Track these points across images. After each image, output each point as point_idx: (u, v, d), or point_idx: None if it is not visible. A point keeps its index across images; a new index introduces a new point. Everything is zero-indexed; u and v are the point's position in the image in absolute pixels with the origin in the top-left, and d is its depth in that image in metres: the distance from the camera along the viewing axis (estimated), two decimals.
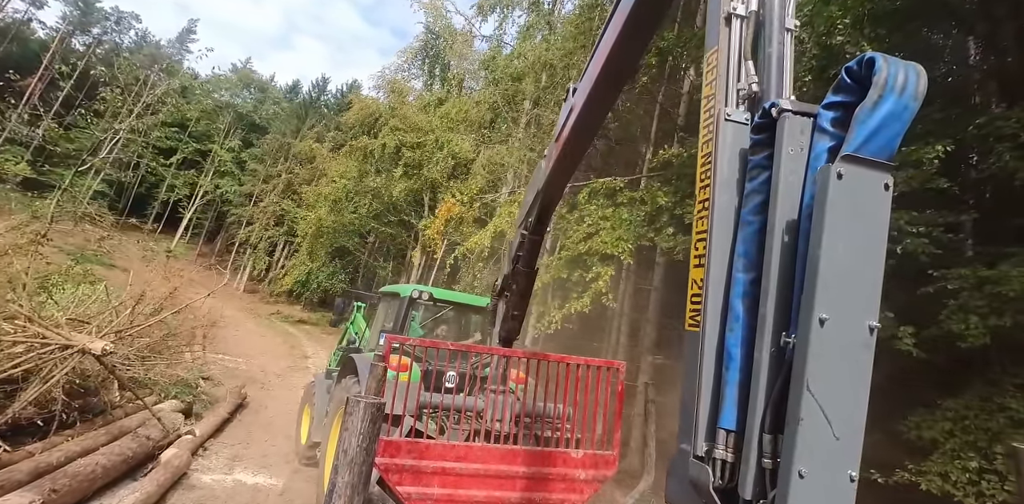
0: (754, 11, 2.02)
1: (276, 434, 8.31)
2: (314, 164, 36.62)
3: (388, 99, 26.78)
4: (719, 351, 1.80)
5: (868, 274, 1.53)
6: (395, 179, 22.22)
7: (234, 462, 6.80)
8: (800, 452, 1.45)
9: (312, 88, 53.20)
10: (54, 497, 4.22)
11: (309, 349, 20.73)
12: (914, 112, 1.50)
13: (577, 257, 9.53)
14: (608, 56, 2.97)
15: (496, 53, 20.51)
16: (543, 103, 15.62)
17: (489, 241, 12.07)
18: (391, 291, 6.90)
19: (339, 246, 29.27)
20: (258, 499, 5.83)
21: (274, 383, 12.65)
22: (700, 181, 2.08)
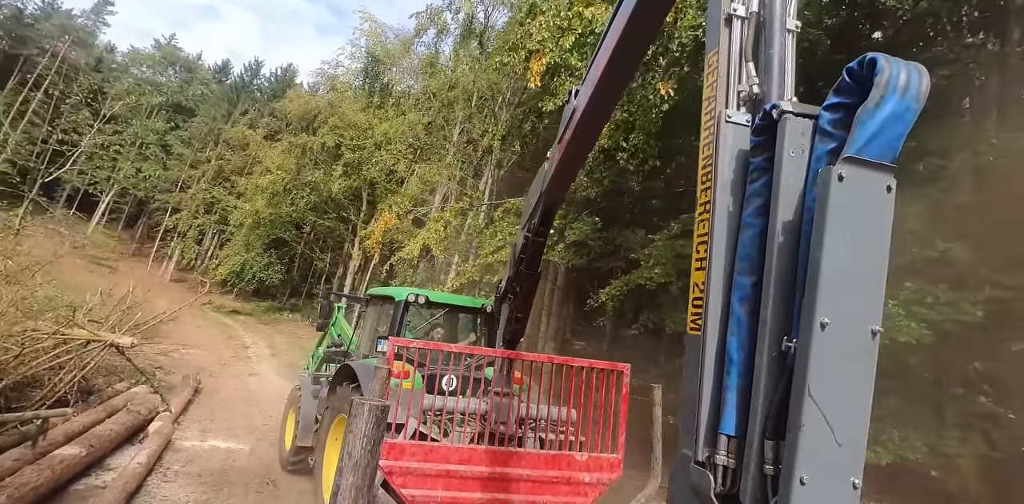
0: (755, 12, 2.00)
1: (234, 413, 9.76)
2: (247, 151, 35.58)
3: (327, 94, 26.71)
4: (720, 355, 1.78)
5: (870, 277, 1.51)
6: (335, 178, 22.44)
7: (205, 433, 8.37)
8: (801, 459, 1.42)
9: (245, 71, 51.04)
10: (92, 450, 6.03)
11: (247, 339, 20.87)
12: (917, 113, 1.48)
13: (488, 265, 11.26)
14: (610, 58, 2.95)
15: (434, 59, 20.85)
16: (471, 128, 16.96)
17: (418, 252, 13.52)
18: (383, 294, 6.77)
19: (276, 237, 29.28)
20: (232, 457, 7.48)
21: (220, 372, 13.57)
22: (701, 183, 2.06)
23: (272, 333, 23.92)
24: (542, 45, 8.44)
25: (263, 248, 29.63)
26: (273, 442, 8.29)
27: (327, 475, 5.36)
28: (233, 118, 42.60)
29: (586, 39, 8.18)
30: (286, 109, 30.45)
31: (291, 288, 33.81)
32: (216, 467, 6.91)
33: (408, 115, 20.04)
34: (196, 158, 40.73)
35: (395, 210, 16.00)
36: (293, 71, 51.32)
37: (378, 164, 20.20)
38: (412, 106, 21.34)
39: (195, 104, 44.98)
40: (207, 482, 6.36)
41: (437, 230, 13.31)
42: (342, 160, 22.93)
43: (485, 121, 17.05)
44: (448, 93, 18.47)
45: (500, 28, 18.24)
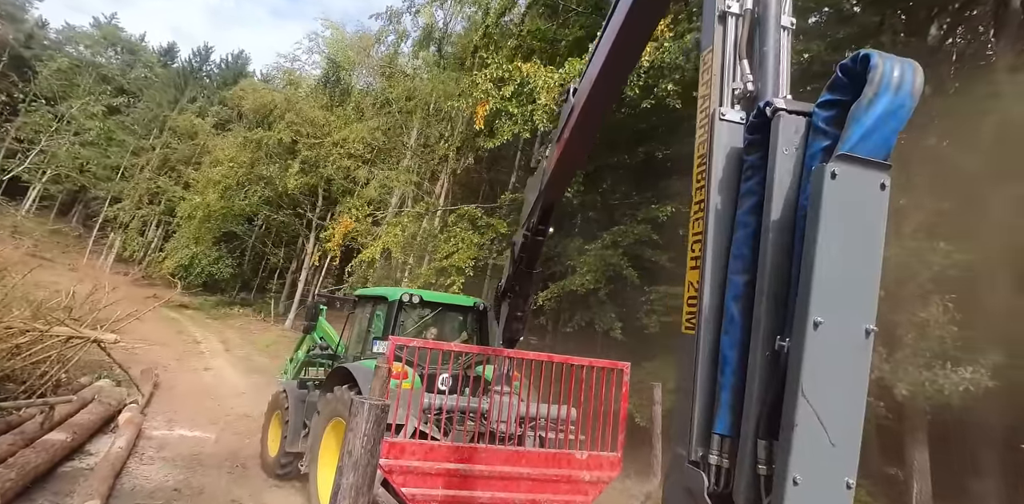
0: (749, 9, 1.98)
1: (195, 406, 10.20)
2: (196, 140, 34.38)
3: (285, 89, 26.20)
4: (714, 354, 1.77)
5: (864, 276, 1.49)
6: (291, 174, 22.16)
7: (171, 423, 8.84)
8: (795, 459, 1.42)
9: (193, 56, 48.29)
10: (75, 436, 6.54)
11: (197, 334, 20.75)
12: (911, 110, 1.46)
13: (442, 268, 12.14)
14: (608, 55, 2.94)
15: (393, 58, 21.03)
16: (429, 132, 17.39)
17: (378, 255, 14.05)
18: (374, 294, 6.70)
19: (227, 231, 28.42)
20: (200, 444, 8.02)
21: (174, 367, 13.84)
22: (696, 182, 2.05)
23: (223, 328, 23.63)
24: (485, 94, 9.85)
25: (213, 242, 28.82)
26: (237, 432, 8.89)
27: (322, 479, 5.33)
28: (180, 105, 40.16)
29: (522, 89, 9.57)
30: (238, 98, 29.28)
31: (241, 282, 32.92)
32: (187, 453, 7.46)
33: (368, 121, 20.01)
34: (139, 145, 38.16)
35: (355, 213, 16.38)
36: (245, 59, 48.91)
37: (335, 163, 20.20)
38: (370, 105, 21.19)
39: (139, 88, 42.08)
40: (181, 465, 6.94)
41: (396, 234, 14.01)
42: (299, 157, 22.60)
43: (442, 126, 17.38)
44: (407, 102, 18.78)
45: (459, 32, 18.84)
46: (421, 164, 18.39)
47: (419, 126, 18.13)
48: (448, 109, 15.92)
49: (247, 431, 8.92)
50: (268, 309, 27.92)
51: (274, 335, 22.34)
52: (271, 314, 27.30)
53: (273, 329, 24.28)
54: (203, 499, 6.05)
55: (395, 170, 18.18)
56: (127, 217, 35.09)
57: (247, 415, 9.97)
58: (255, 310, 28.79)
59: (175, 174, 35.66)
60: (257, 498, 6.35)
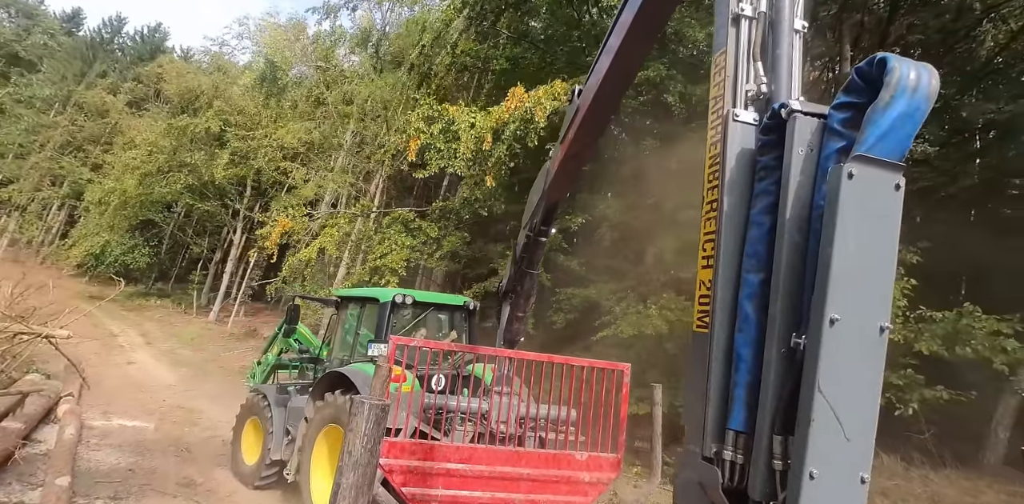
0: (763, 12, 2.01)
1: (127, 398, 10.33)
2: (107, 119, 31.80)
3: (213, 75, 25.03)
4: (728, 352, 1.79)
5: (879, 274, 1.52)
6: (220, 165, 21.37)
7: (108, 414, 8.99)
8: (811, 453, 1.44)
9: (103, 26, 43.96)
10: (27, 425, 6.86)
11: (114, 327, 20.15)
12: (926, 112, 1.50)
13: (376, 268, 12.75)
14: (615, 56, 2.97)
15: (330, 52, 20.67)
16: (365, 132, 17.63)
17: (315, 254, 14.44)
18: (362, 295, 6.55)
19: (144, 219, 26.80)
20: (141, 433, 8.31)
21: (95, 361, 13.71)
22: (708, 182, 2.07)
23: (140, 320, 22.70)
24: (417, 131, 11.11)
25: (129, 229, 26.99)
26: (176, 421, 9.11)
27: (316, 487, 5.24)
28: (88, 80, 36.35)
29: (449, 127, 10.72)
30: (156, 76, 27.48)
31: (159, 272, 31.46)
32: (131, 440, 7.76)
33: (305, 122, 19.68)
34: (39, 122, 34.12)
35: (292, 213, 16.51)
36: (164, 33, 45.36)
37: (267, 156, 19.87)
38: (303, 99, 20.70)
39: (38, 58, 37.76)
40: (129, 451, 7.25)
41: (333, 234, 14.44)
42: (229, 148, 21.58)
43: (377, 125, 17.38)
44: (344, 106, 18.72)
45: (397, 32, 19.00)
46: (356, 164, 18.47)
47: (355, 128, 18.15)
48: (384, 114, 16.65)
49: (185, 421, 9.20)
50: (190, 301, 26.45)
51: (198, 328, 21.69)
52: (193, 306, 25.94)
53: (196, 322, 23.36)
54: (157, 477, 6.38)
55: (331, 171, 18.22)
56: (24, 200, 31.58)
57: (181, 406, 10.17)
58: (174, 302, 27.26)
59: (82, 154, 32.24)
60: (207, 475, 6.78)
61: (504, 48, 14.12)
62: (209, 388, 12.27)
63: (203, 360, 16.40)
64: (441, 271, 15.48)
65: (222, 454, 7.53)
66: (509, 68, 13.54)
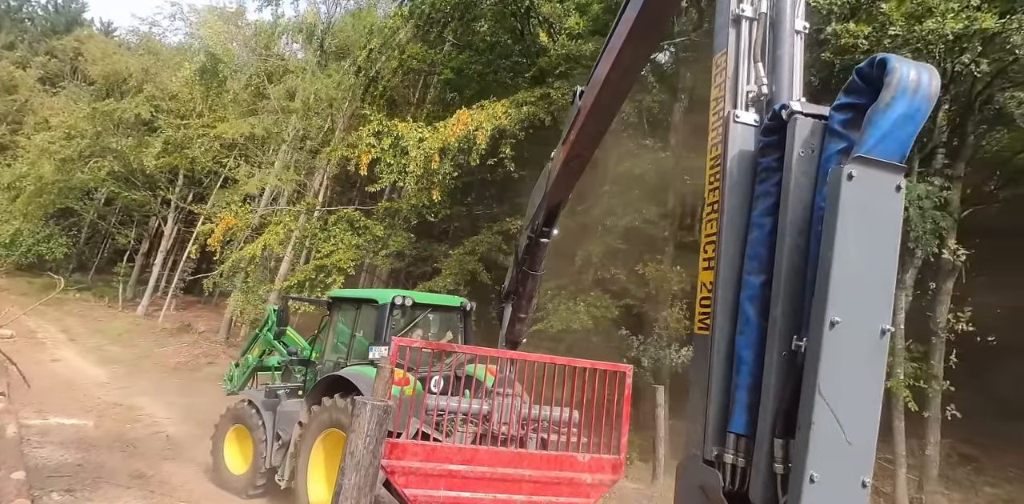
0: (763, 13, 2.01)
1: (60, 397, 9.92)
2: (15, 96, 29.10)
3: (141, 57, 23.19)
4: (729, 354, 1.78)
5: (880, 276, 1.52)
6: (151, 153, 20.06)
7: (43, 413, 8.61)
8: (812, 457, 1.43)
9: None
10: None
11: (31, 322, 18.69)
12: (927, 113, 1.49)
13: (322, 266, 12.79)
14: (616, 57, 2.96)
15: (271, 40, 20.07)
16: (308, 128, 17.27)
17: (260, 251, 14.41)
18: (360, 297, 6.45)
19: (63, 206, 24.57)
20: (81, 430, 8.05)
21: (16, 359, 12.75)
22: (709, 183, 2.07)
23: (60, 315, 21.01)
24: (368, 146, 11.58)
25: (44, 218, 24.65)
26: (116, 419, 8.88)
27: (314, 492, 5.21)
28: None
29: (399, 142, 11.15)
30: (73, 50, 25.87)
31: (77, 264, 29.41)
32: (72, 438, 7.57)
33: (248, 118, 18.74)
34: None
35: (235, 209, 16.10)
36: (81, 4, 41.80)
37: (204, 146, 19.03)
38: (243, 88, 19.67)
39: None
40: (73, 448, 7.09)
41: (278, 232, 14.32)
42: (162, 136, 20.20)
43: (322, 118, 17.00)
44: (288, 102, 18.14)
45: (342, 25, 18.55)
46: (299, 159, 18.01)
47: (300, 125, 17.68)
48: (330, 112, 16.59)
49: (125, 418, 9.03)
50: (114, 294, 24.40)
51: (125, 323, 20.27)
52: (119, 300, 23.96)
53: (123, 316, 21.62)
54: (107, 471, 6.34)
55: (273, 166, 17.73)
56: None
57: (119, 403, 9.88)
58: (96, 295, 25.13)
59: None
60: (156, 468, 6.77)
61: (450, 56, 14.42)
62: (145, 385, 11.78)
63: (135, 357, 15.47)
64: (386, 269, 15.60)
65: (168, 448, 7.57)
66: (454, 78, 14.10)
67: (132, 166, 21.48)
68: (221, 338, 17.61)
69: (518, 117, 10.49)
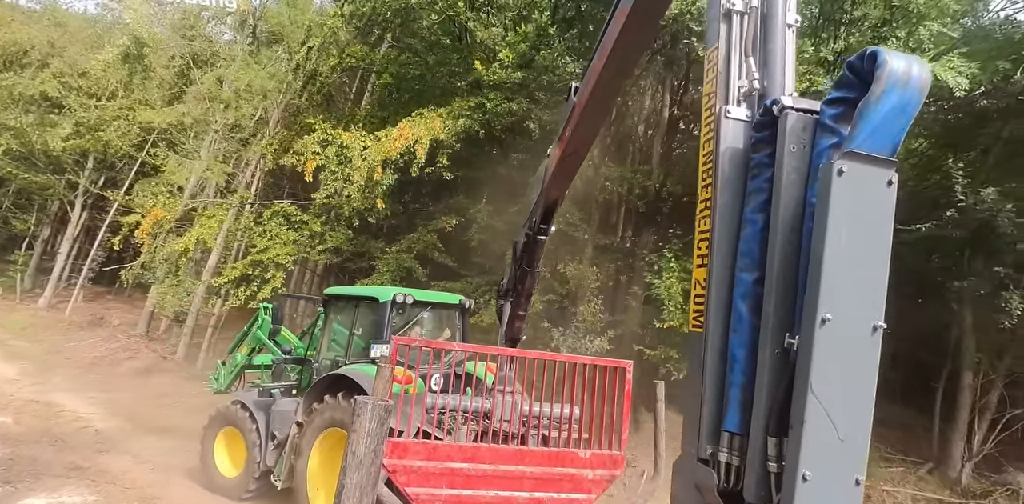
0: (754, 7, 1.98)
1: None
2: None
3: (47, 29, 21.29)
4: (723, 352, 1.77)
5: (872, 272, 1.50)
6: (59, 136, 18.47)
7: None
8: (805, 455, 1.42)
9: None
10: None
11: None
12: (918, 106, 1.47)
13: (258, 262, 12.77)
14: (610, 53, 2.94)
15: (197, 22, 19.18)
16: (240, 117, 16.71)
17: (192, 244, 14.14)
18: (359, 294, 6.40)
19: None
20: (2, 427, 7.82)
21: None
22: (702, 180, 2.05)
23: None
24: (313, 155, 11.95)
25: None
26: (35, 415, 8.64)
27: (313, 491, 5.19)
28: None
29: (343, 150, 11.55)
30: None
31: None
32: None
33: (176, 105, 17.83)
34: None
35: (162, 201, 15.60)
36: None
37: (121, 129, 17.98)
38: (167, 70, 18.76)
39: None
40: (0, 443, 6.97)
41: (211, 226, 14.08)
42: (73, 117, 18.69)
43: (253, 106, 16.43)
44: (219, 91, 17.23)
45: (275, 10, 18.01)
46: (229, 149, 17.23)
47: (233, 115, 16.85)
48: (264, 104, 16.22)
49: (45, 414, 8.81)
50: (10, 284, 22.40)
51: (26, 316, 18.81)
52: (16, 291, 22.02)
53: (21, 309, 19.97)
54: (41, 464, 6.27)
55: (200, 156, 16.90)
56: None
57: (35, 400, 9.54)
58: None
59: None
60: (92, 461, 6.65)
61: (389, 58, 14.39)
62: (60, 381, 11.42)
63: (44, 352, 14.61)
64: (322, 263, 15.48)
65: (100, 442, 7.43)
66: (393, 83, 14.22)
67: (34, 146, 19.45)
68: (140, 332, 16.68)
69: (455, 129, 11.20)
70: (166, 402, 11.26)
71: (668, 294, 9.99)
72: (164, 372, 13.95)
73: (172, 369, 14.24)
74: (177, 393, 12.11)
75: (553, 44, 10.74)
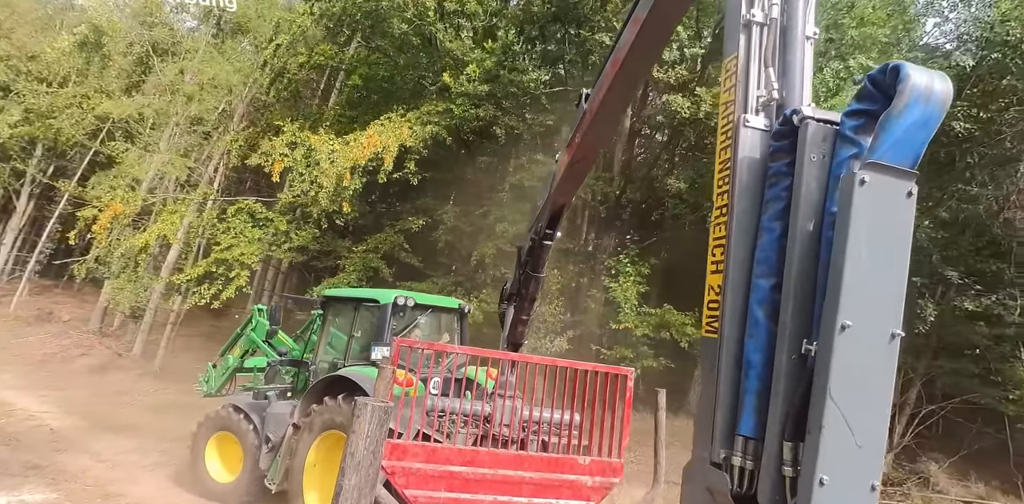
0: (774, 18, 2.02)
1: None
2: None
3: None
4: (737, 358, 1.79)
5: (891, 281, 1.52)
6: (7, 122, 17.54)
7: None
8: (822, 460, 1.44)
9: None
10: None
11: None
12: (939, 120, 1.50)
13: (222, 260, 12.65)
14: (623, 60, 2.98)
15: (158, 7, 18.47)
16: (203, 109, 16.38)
17: (153, 240, 13.89)
18: (359, 296, 6.35)
19: None
20: None
21: None
22: (718, 187, 2.08)
23: None
24: (281, 156, 12.07)
25: None
26: None
27: (310, 494, 5.15)
28: None
29: (310, 153, 11.61)
30: None
31: None
32: None
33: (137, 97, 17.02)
34: None
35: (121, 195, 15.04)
36: None
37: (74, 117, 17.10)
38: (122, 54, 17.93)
39: None
40: None
41: (173, 222, 13.82)
42: (23, 103, 17.83)
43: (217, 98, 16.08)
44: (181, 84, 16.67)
45: None
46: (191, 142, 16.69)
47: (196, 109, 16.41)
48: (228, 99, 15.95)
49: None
50: None
51: None
52: None
53: None
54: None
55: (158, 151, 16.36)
56: None
57: None
58: None
59: None
60: (49, 459, 6.61)
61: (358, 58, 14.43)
62: (9, 379, 11.08)
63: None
64: (287, 261, 15.30)
65: (56, 441, 7.34)
66: (362, 84, 14.30)
67: None
68: (93, 328, 16.05)
69: (423, 135, 11.46)
70: (123, 400, 10.94)
71: (624, 297, 10.69)
72: (120, 369, 13.57)
73: (128, 366, 13.82)
74: (134, 391, 11.82)
75: (519, 61, 11.11)
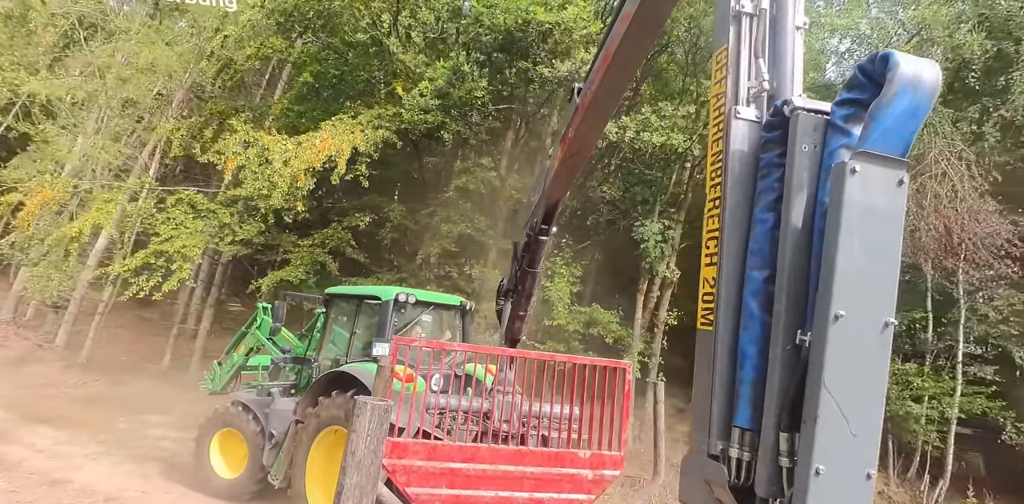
0: (764, 9, 2.01)
1: None
2: None
3: None
4: (732, 350, 1.79)
5: (884, 270, 1.53)
6: None
7: None
8: (818, 450, 1.44)
9: None
10: None
11: None
12: (929, 108, 1.50)
13: (161, 251, 12.45)
14: (614, 54, 2.97)
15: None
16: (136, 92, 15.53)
17: (87, 230, 13.34)
18: (360, 293, 6.38)
19: None
20: None
21: None
22: (710, 179, 2.07)
23: None
24: (234, 154, 12.14)
25: None
26: None
27: (313, 490, 5.17)
28: None
29: (263, 152, 11.69)
30: None
31: None
32: None
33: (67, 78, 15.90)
34: None
35: (51, 181, 14.32)
36: None
37: None
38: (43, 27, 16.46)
39: None
40: None
41: (110, 210, 13.31)
42: None
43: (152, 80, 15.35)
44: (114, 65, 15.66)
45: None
46: (122, 125, 15.86)
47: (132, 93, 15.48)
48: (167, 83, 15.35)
49: None
50: None
51: None
52: None
53: None
54: None
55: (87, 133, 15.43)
56: None
57: None
58: None
59: None
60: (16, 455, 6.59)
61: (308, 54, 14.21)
62: None
63: None
64: (229, 254, 14.89)
65: (23, 438, 7.27)
66: (311, 82, 14.17)
67: None
68: (6, 317, 15.21)
69: (373, 139, 11.69)
70: (49, 392, 10.56)
71: (558, 296, 11.39)
72: (41, 361, 12.89)
73: (51, 358, 13.17)
74: (60, 383, 11.44)
75: (467, 80, 11.36)
